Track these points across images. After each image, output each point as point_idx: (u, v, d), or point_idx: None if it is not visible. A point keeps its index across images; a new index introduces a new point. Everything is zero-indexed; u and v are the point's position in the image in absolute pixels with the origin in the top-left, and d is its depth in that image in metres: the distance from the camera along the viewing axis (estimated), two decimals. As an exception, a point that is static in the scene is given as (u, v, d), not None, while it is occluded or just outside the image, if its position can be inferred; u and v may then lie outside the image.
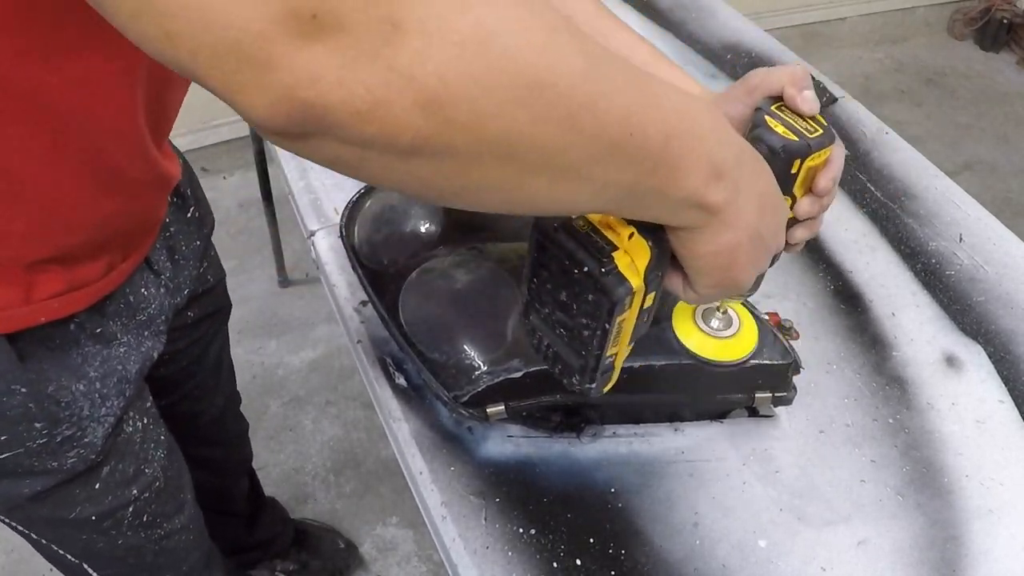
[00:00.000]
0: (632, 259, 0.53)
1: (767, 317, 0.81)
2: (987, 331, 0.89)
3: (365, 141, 0.35)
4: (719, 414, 0.80)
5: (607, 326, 0.54)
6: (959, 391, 0.84)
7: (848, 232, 1.00)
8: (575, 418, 0.79)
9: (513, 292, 0.78)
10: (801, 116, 0.61)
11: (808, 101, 0.61)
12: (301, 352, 1.96)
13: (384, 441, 1.76)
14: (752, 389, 0.78)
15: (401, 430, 0.78)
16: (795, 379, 0.79)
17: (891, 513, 0.74)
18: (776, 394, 0.78)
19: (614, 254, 0.52)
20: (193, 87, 0.71)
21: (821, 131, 0.61)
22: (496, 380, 0.74)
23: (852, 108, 1.20)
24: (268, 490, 1.71)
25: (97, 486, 0.78)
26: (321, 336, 1.99)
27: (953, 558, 0.71)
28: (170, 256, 0.83)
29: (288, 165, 1.06)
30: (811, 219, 0.65)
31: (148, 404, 0.84)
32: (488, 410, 0.75)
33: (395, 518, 1.67)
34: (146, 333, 0.78)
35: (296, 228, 1.05)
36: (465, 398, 0.75)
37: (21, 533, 0.83)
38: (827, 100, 1.19)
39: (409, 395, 0.81)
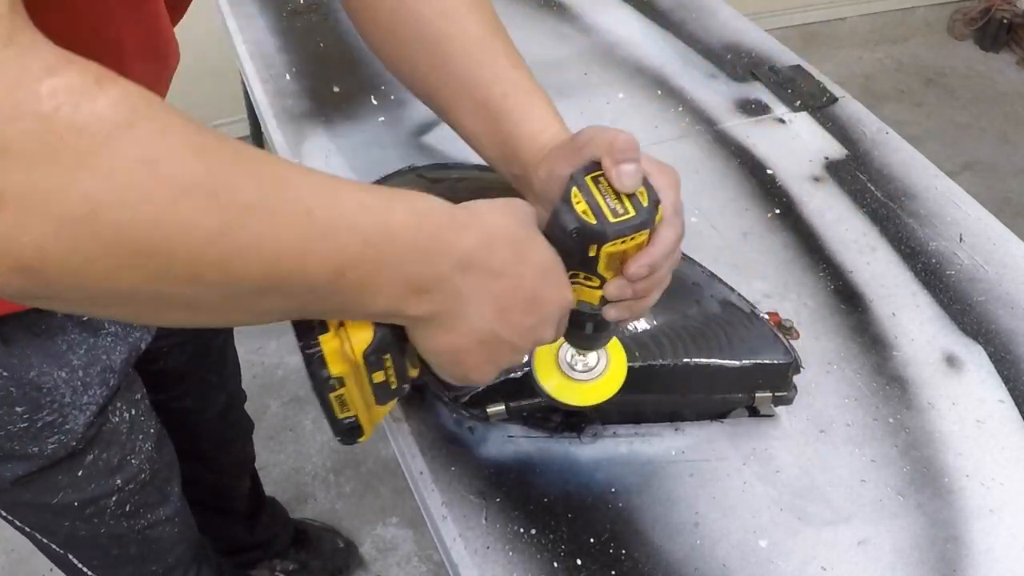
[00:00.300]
0: (345, 342, 0.52)
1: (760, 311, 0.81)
2: (987, 331, 0.89)
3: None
4: (719, 414, 0.80)
5: (322, 400, 0.56)
6: (959, 391, 0.84)
7: (848, 232, 1.00)
8: (575, 418, 0.79)
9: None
10: (618, 192, 0.54)
11: (624, 176, 0.53)
12: (301, 352, 1.96)
13: (384, 441, 1.76)
14: (752, 389, 0.78)
15: (401, 430, 0.78)
16: (795, 379, 0.79)
17: (892, 513, 0.74)
18: (776, 394, 0.78)
19: (320, 337, 0.52)
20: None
21: (632, 214, 0.53)
22: (496, 380, 0.74)
23: (852, 108, 1.20)
24: (268, 490, 1.71)
25: (80, 473, 0.78)
26: (321, 336, 1.99)
27: (954, 558, 0.71)
28: None
29: (288, 165, 1.06)
30: (626, 300, 0.58)
31: (138, 396, 0.84)
32: (488, 410, 0.75)
33: (395, 518, 1.67)
34: (135, 325, 0.78)
35: (296, 228, 1.05)
36: (465, 398, 0.75)
37: (5, 519, 0.83)
38: (827, 100, 1.20)
39: (410, 395, 0.81)
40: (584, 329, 0.62)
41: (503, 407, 0.75)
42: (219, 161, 0.39)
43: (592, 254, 0.54)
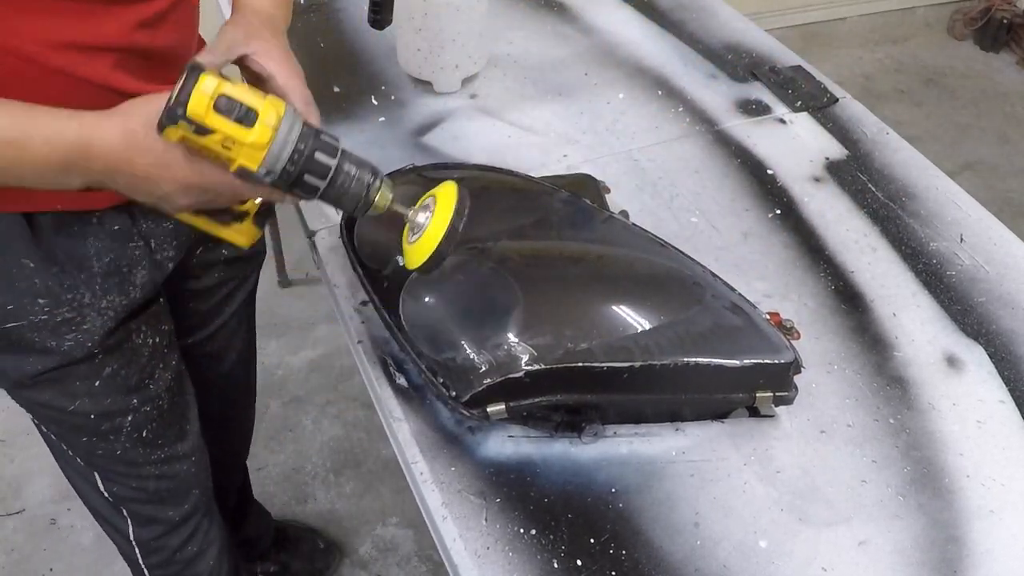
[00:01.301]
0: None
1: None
2: (988, 331, 0.89)
3: None
4: (720, 414, 0.80)
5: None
6: (960, 391, 0.84)
7: (849, 232, 1.00)
8: (576, 418, 0.78)
9: (514, 292, 0.78)
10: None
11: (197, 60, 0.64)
12: (301, 352, 1.96)
13: (384, 441, 1.76)
14: (753, 389, 0.78)
15: (401, 430, 0.78)
16: (796, 379, 0.79)
17: (892, 513, 0.74)
18: (777, 394, 0.78)
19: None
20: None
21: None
22: (497, 380, 0.74)
23: (852, 108, 1.20)
24: (268, 490, 1.71)
25: (97, 383, 0.82)
26: (321, 336, 1.99)
27: (954, 558, 0.71)
28: None
29: (288, 165, 1.06)
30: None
31: (164, 327, 0.88)
32: (489, 410, 0.75)
33: (395, 518, 1.67)
34: (165, 244, 0.81)
35: (296, 228, 1.05)
36: (466, 398, 0.75)
37: (36, 424, 0.89)
38: (827, 100, 1.20)
39: (410, 395, 0.81)
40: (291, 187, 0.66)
41: (503, 407, 0.75)
42: None
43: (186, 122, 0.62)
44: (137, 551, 1.04)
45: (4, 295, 0.73)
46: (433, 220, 0.69)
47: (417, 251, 0.69)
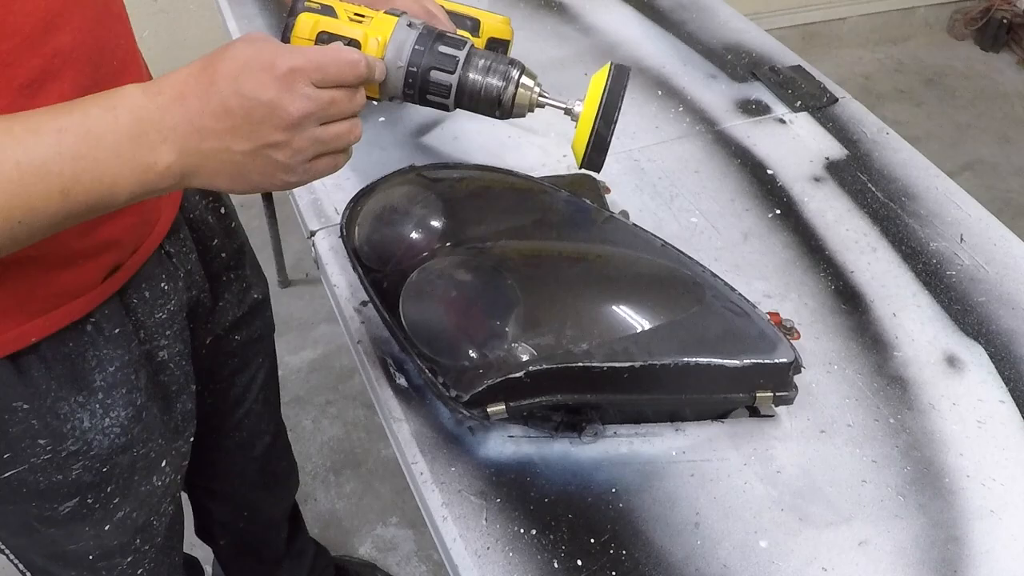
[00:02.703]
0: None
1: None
2: (988, 331, 0.89)
3: None
4: (720, 414, 0.80)
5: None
6: (960, 391, 0.84)
7: (849, 232, 1.00)
8: (576, 418, 0.78)
9: (514, 292, 0.78)
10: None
11: None
12: (301, 352, 1.96)
13: (384, 441, 1.76)
14: (753, 388, 0.78)
15: (402, 430, 0.78)
16: (796, 379, 0.79)
17: (892, 513, 0.74)
18: (777, 393, 0.78)
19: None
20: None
21: None
22: (497, 380, 0.74)
23: (852, 108, 1.19)
24: (268, 490, 1.70)
25: (107, 527, 0.77)
26: (321, 336, 1.99)
27: (954, 558, 0.71)
28: (193, 245, 0.83)
29: (288, 165, 1.06)
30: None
31: (183, 461, 0.83)
32: (489, 410, 0.75)
33: (395, 518, 1.67)
34: (167, 333, 0.77)
35: (296, 228, 1.05)
36: (466, 398, 0.75)
37: (12, 562, 0.82)
38: (827, 100, 1.19)
39: (410, 395, 0.81)
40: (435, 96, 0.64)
41: (503, 407, 0.75)
42: None
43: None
44: None
45: None
46: (586, 103, 0.65)
47: (576, 144, 0.65)
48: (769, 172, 1.08)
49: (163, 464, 0.80)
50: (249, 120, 0.52)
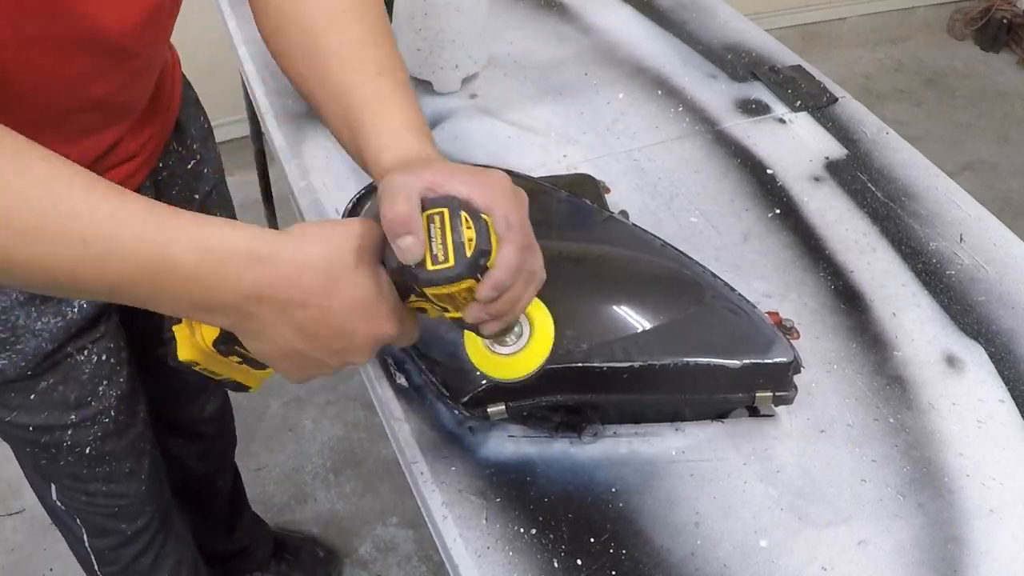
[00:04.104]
0: (196, 332, 0.58)
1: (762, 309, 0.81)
2: (988, 331, 0.89)
3: None
4: (720, 414, 0.80)
5: (193, 370, 0.61)
6: (960, 391, 0.84)
7: (848, 232, 1.00)
8: (576, 418, 0.79)
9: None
10: (446, 235, 0.54)
11: (404, 251, 0.54)
12: (301, 352, 1.96)
13: (384, 441, 1.76)
14: (753, 388, 0.78)
15: (402, 430, 0.78)
16: (796, 378, 0.79)
17: (892, 513, 0.74)
18: (777, 393, 0.78)
19: (173, 327, 0.59)
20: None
21: (450, 264, 0.54)
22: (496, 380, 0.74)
23: (852, 108, 1.20)
24: (268, 489, 1.71)
25: (32, 397, 0.81)
26: (321, 336, 1.99)
27: (954, 558, 0.71)
28: (156, 194, 0.85)
29: (289, 165, 1.06)
30: (492, 319, 0.59)
31: (112, 345, 0.85)
32: (489, 410, 0.75)
33: (395, 518, 1.67)
34: None
35: (296, 228, 1.05)
36: (466, 398, 0.75)
37: None
38: (827, 100, 1.20)
39: (410, 395, 0.81)
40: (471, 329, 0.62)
41: (503, 407, 0.75)
42: (5, 187, 0.46)
43: (420, 291, 0.56)
44: (92, 558, 1.03)
45: None
46: (535, 338, 0.65)
47: (522, 363, 0.65)
48: (769, 172, 1.08)
49: (82, 342, 0.82)
50: (323, 344, 0.56)
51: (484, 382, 0.74)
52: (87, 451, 0.88)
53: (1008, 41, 3.11)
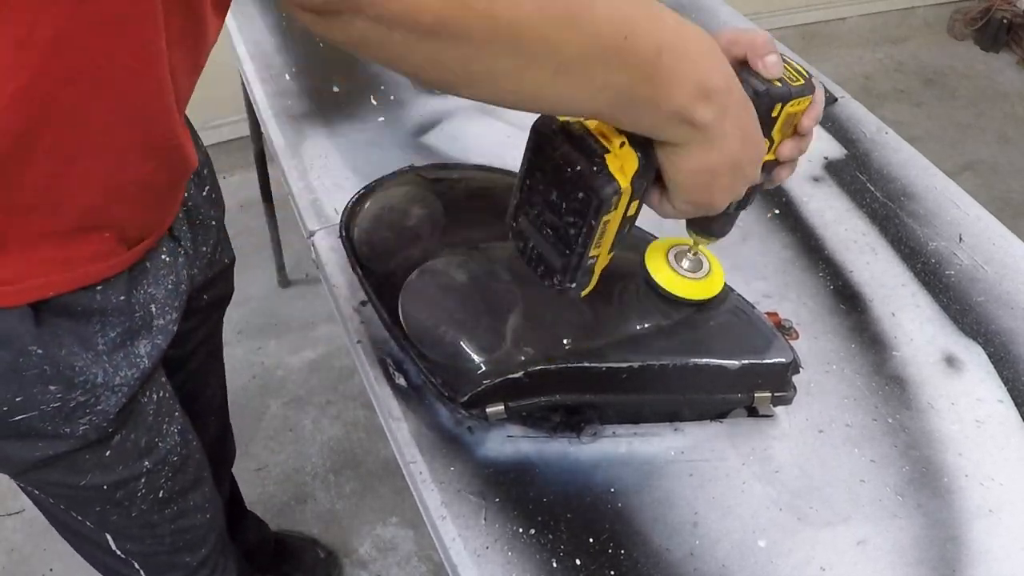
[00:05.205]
0: (622, 164, 0.57)
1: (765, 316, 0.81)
2: (987, 331, 0.89)
3: (392, 19, 0.41)
4: (719, 414, 0.80)
5: (593, 223, 0.58)
6: (959, 391, 0.84)
7: (848, 232, 1.00)
8: (575, 418, 0.79)
9: (512, 292, 0.78)
10: (787, 64, 0.63)
11: (771, 67, 0.61)
12: (301, 352, 1.96)
13: (384, 441, 1.76)
14: (752, 389, 0.78)
15: (401, 430, 0.78)
16: (795, 379, 0.79)
17: (891, 513, 0.74)
18: (776, 394, 0.78)
19: (606, 156, 0.57)
20: (197, 87, 0.71)
21: (803, 81, 0.63)
22: (496, 380, 0.74)
23: (852, 108, 1.20)
24: (268, 490, 1.71)
25: (108, 454, 0.78)
26: (321, 336, 1.99)
27: (953, 558, 0.71)
28: (190, 226, 0.85)
29: (288, 165, 1.06)
30: (792, 160, 0.69)
31: (163, 379, 0.85)
32: (488, 410, 0.75)
33: (395, 518, 1.67)
34: (167, 308, 0.78)
35: (296, 228, 1.05)
36: (465, 398, 0.75)
37: (38, 499, 0.85)
38: (827, 100, 1.19)
39: (409, 395, 0.81)
40: (728, 206, 0.66)
41: (502, 407, 0.75)
42: None
43: (775, 114, 0.63)
44: None
45: (12, 386, 0.68)
46: (713, 271, 0.78)
47: (708, 287, 0.78)
48: (768, 172, 1.08)
49: (147, 385, 0.81)
50: (750, 151, 0.61)
51: (485, 381, 0.74)
52: (159, 494, 0.86)
53: (1008, 41, 3.11)
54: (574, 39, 0.47)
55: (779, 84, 0.61)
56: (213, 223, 0.92)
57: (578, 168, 0.57)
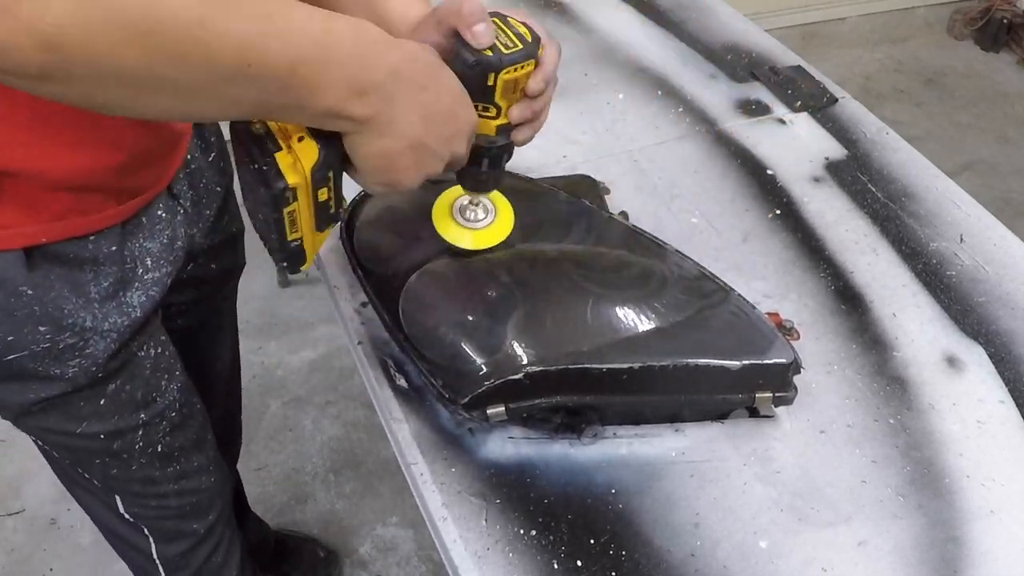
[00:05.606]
0: (297, 159, 0.60)
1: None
2: (988, 332, 0.89)
3: (4, 71, 0.46)
4: (719, 414, 0.80)
5: (276, 216, 0.62)
6: (960, 392, 0.84)
7: (849, 232, 1.00)
8: (575, 419, 0.79)
9: (513, 293, 0.78)
10: (505, 31, 0.65)
11: (479, 36, 0.64)
12: (301, 352, 1.96)
13: (384, 441, 1.76)
14: (753, 389, 0.78)
15: (402, 431, 0.78)
16: (796, 379, 0.79)
17: (892, 514, 0.74)
18: (777, 394, 0.78)
19: (276, 155, 0.60)
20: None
21: (520, 46, 0.65)
22: (496, 382, 0.74)
23: (852, 108, 1.20)
24: (268, 490, 1.71)
25: (102, 402, 0.80)
26: (321, 336, 1.99)
27: (954, 558, 0.71)
28: (191, 187, 0.86)
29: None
30: (531, 121, 0.71)
31: (163, 337, 0.86)
32: (488, 411, 0.75)
33: (395, 518, 1.67)
34: (162, 261, 0.80)
35: (296, 228, 1.05)
36: (465, 400, 0.75)
37: (42, 450, 0.88)
38: (827, 101, 1.19)
39: (409, 396, 0.81)
40: (480, 166, 0.71)
41: (503, 408, 0.75)
42: None
43: (491, 83, 0.65)
44: (160, 569, 1.02)
45: (4, 326, 0.71)
46: (499, 218, 0.80)
47: (489, 236, 0.80)
48: (769, 172, 1.08)
49: (142, 338, 0.83)
50: (439, 131, 0.63)
51: (486, 382, 0.74)
52: (159, 449, 0.88)
53: (1008, 41, 3.11)
54: (186, 73, 0.49)
55: (490, 53, 0.63)
56: (218, 189, 0.93)
57: (254, 167, 0.61)
